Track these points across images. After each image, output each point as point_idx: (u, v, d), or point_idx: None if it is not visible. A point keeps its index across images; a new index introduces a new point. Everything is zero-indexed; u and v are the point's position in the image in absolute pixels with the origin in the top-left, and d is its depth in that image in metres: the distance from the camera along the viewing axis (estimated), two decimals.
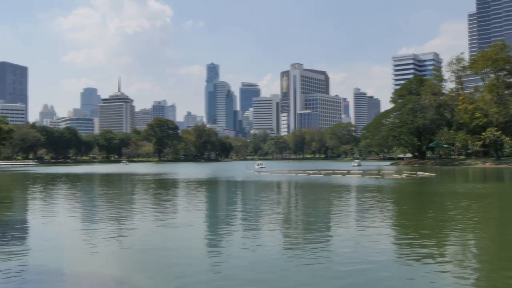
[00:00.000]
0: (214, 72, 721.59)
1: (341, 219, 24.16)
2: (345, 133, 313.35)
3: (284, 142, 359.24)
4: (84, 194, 43.91)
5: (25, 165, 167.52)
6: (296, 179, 63.18)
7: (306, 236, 19.03)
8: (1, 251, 16.50)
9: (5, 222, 24.91)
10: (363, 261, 14.48)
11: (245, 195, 42.19)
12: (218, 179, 66.80)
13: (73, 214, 27.57)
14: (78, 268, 14.31)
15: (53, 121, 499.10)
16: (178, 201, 35.23)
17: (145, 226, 21.97)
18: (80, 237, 19.44)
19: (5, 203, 35.79)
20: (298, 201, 35.89)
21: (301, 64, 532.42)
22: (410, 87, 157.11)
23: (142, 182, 61.38)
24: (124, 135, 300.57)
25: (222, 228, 21.67)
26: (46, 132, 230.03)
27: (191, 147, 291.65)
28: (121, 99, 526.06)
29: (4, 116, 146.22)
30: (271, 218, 24.60)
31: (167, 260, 14.93)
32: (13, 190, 51.62)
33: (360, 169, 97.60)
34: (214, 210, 30.23)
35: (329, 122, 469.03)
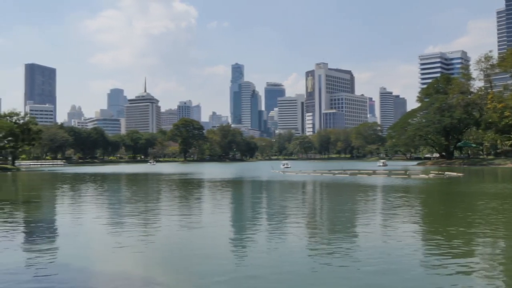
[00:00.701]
0: (238, 72, 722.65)
1: (367, 219, 23.91)
2: (371, 133, 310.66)
3: (309, 142, 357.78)
4: (111, 193, 44.41)
5: (54, 165, 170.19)
6: (321, 179, 62.85)
7: (332, 236, 18.87)
8: (31, 249, 16.77)
9: (34, 220, 25.33)
10: (389, 262, 14.27)
11: (270, 195, 42.12)
12: (243, 179, 66.85)
13: (100, 213, 27.87)
14: (104, 267, 14.45)
15: (81, 121, 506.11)
16: (203, 201, 35.36)
17: (170, 225, 22.07)
18: (107, 235, 19.63)
19: (34, 202, 36.41)
20: (324, 201, 35.69)
21: (326, 63, 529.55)
22: (437, 86, 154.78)
23: (168, 182, 61.79)
24: (150, 135, 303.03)
25: (247, 228, 21.64)
26: (74, 133, 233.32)
27: (216, 147, 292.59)
28: (147, 100, 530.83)
29: (33, 117, 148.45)
30: (296, 218, 24.48)
31: (192, 259, 14.94)
32: (42, 189, 52.49)
33: (386, 169, 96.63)
34: (239, 210, 30.23)
35: (354, 121, 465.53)
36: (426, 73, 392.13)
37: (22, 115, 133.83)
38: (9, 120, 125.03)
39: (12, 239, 18.94)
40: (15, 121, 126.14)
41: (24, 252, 16.43)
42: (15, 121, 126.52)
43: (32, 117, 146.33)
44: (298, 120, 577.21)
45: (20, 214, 28.02)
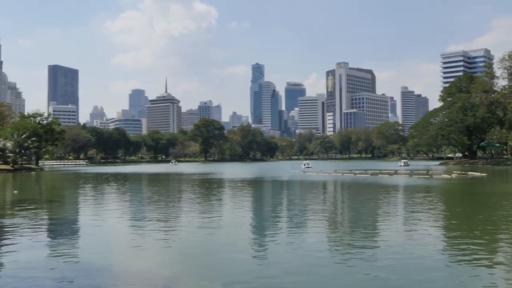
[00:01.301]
0: (259, 72, 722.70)
1: (389, 219, 23.73)
2: (392, 133, 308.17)
3: (330, 141, 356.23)
4: (133, 193, 44.82)
5: (76, 165, 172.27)
6: (342, 179, 62.57)
7: (353, 237, 18.77)
8: (53, 249, 16.99)
9: (57, 220, 25.67)
10: (411, 263, 14.16)
11: (290, 194, 42.06)
12: (263, 179, 66.87)
13: (123, 213, 28.12)
14: (126, 266, 14.58)
15: (103, 122, 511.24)
16: (224, 201, 35.44)
17: (191, 225, 22.17)
18: (129, 235, 19.81)
19: (57, 202, 36.90)
20: (344, 201, 35.52)
21: (346, 63, 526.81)
22: (459, 84, 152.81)
23: (189, 181, 62.10)
24: (171, 135, 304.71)
25: (268, 228, 21.66)
26: (96, 133, 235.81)
27: (236, 147, 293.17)
28: (168, 100, 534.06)
29: (56, 117, 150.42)
30: (317, 218, 24.41)
31: (213, 259, 15.00)
32: (65, 189, 53.16)
33: (407, 169, 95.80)
34: (259, 210, 30.25)
35: (375, 121, 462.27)
36: (449, 72, 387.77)
37: (45, 116, 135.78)
38: (33, 120, 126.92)
39: (36, 238, 19.22)
40: (39, 122, 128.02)
41: (48, 251, 16.64)
42: (39, 121, 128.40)
43: (55, 117, 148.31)
44: (319, 120, 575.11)
45: (43, 214, 28.42)
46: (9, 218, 25.66)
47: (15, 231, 20.79)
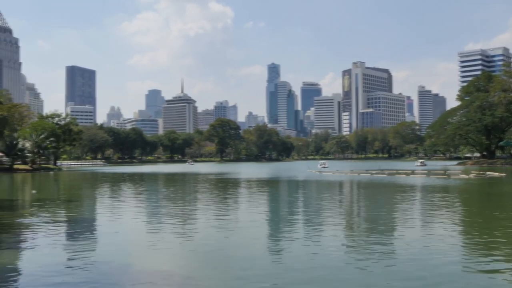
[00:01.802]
0: (275, 72, 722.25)
1: (406, 220, 23.56)
2: (409, 132, 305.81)
3: (346, 141, 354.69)
4: (150, 193, 45.07)
5: (94, 165, 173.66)
6: (358, 179, 62.28)
7: (370, 237, 18.67)
8: (71, 248, 17.16)
9: (75, 219, 25.92)
10: (427, 265, 14.04)
11: (307, 194, 41.98)
12: (279, 179, 66.83)
13: (140, 212, 28.30)
14: (143, 265, 14.66)
15: (120, 122, 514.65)
16: (240, 201, 35.49)
17: (207, 225, 22.23)
18: (146, 234, 19.93)
19: (75, 201, 37.25)
20: (361, 201, 35.36)
21: (363, 62, 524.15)
22: (477, 83, 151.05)
23: (205, 181, 62.28)
24: (187, 135, 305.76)
25: (284, 228, 21.63)
26: (113, 133, 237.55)
27: (252, 147, 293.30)
28: (184, 100, 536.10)
29: (74, 118, 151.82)
30: (333, 218, 24.34)
31: (229, 259, 15.04)
32: (83, 189, 53.65)
33: (424, 169, 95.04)
34: (275, 210, 30.22)
35: (392, 121, 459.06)
36: (466, 71, 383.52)
37: (63, 116, 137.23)
38: (51, 121, 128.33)
39: (55, 237, 19.42)
40: (57, 122, 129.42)
41: (66, 250, 16.81)
42: (57, 122, 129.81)
43: (73, 118, 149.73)
44: (335, 120, 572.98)
45: (62, 213, 28.71)
46: (28, 217, 25.98)
47: (34, 230, 21.05)
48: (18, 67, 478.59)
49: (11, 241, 18.82)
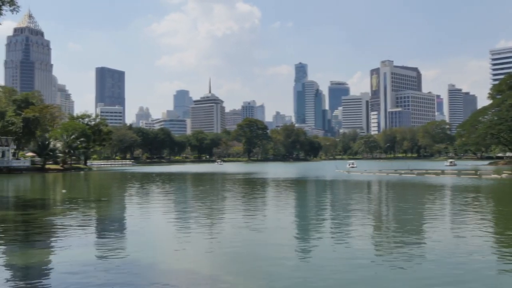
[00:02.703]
0: (302, 71, 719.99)
1: (436, 220, 23.22)
2: (439, 132, 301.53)
3: (374, 141, 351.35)
4: (179, 192, 45.42)
5: (123, 165, 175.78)
6: (387, 179, 61.69)
7: (399, 238, 18.46)
8: (101, 247, 17.41)
9: (105, 218, 26.30)
10: (457, 266, 13.81)
11: (335, 194, 41.75)
12: (307, 179, 66.63)
13: (168, 212, 28.56)
14: (171, 264, 14.78)
15: (148, 122, 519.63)
16: (267, 201, 35.50)
17: (235, 224, 22.27)
18: (174, 234, 20.08)
19: (105, 201, 37.79)
20: (390, 201, 35.00)
21: (391, 61, 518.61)
22: (510, 81, 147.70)
23: (233, 181, 62.47)
24: (215, 135, 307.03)
25: (311, 228, 21.55)
26: (142, 133, 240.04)
27: (280, 147, 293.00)
28: (212, 100, 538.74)
29: (104, 118, 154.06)
30: (362, 218, 24.15)
31: (256, 259, 15.04)
32: (113, 188, 54.39)
33: (454, 169, 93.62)
34: (303, 210, 30.14)
35: (421, 120, 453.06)
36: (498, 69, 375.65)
37: (93, 117, 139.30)
38: (82, 121, 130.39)
39: (86, 235, 19.76)
40: (87, 123, 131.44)
41: (95, 249, 17.07)
42: (87, 122, 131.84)
43: (103, 118, 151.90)
44: (363, 119, 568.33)
45: (92, 212, 29.17)
46: (59, 217, 26.44)
47: (65, 229, 21.42)
48: (49, 69, 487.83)
49: (43, 240, 19.20)
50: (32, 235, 20.48)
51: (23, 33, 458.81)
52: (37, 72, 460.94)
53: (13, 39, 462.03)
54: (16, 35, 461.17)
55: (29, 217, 26.27)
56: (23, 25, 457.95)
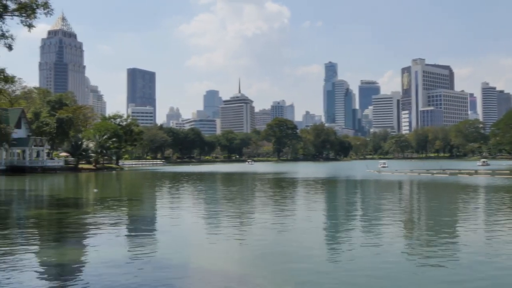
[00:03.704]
0: (332, 71, 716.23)
1: (470, 221, 22.79)
2: (472, 131, 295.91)
3: (405, 140, 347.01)
4: (209, 191, 45.68)
5: (154, 165, 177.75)
6: (419, 179, 60.86)
7: (430, 238, 18.19)
8: (132, 245, 17.63)
9: (137, 217, 26.64)
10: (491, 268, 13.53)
11: (365, 194, 41.41)
12: (337, 178, 66.23)
13: (198, 211, 28.75)
14: (201, 263, 14.87)
15: (179, 122, 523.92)
16: (297, 200, 35.41)
17: (265, 224, 22.25)
18: (204, 233, 20.20)
19: (137, 200, 38.27)
20: (421, 202, 34.52)
21: (423, 59, 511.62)
22: None
23: (263, 180, 62.51)
24: (244, 135, 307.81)
25: (341, 228, 21.40)
26: (172, 133, 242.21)
27: (309, 147, 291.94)
28: (241, 100, 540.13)
29: (135, 119, 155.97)
30: (392, 219, 23.86)
31: (286, 259, 14.97)
32: (144, 187, 55.02)
33: (488, 169, 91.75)
34: (333, 209, 29.98)
35: (454, 119, 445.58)
36: None
37: (125, 117, 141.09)
38: (114, 122, 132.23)
39: (117, 234, 20.03)
40: (119, 123, 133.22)
41: (127, 247, 17.29)
42: (118, 123, 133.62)
43: (134, 119, 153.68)
44: (394, 118, 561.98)
45: (124, 211, 29.56)
46: (91, 215, 26.87)
47: (97, 228, 21.76)
48: (82, 70, 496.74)
49: (76, 238, 19.55)
50: (65, 233, 20.87)
51: (57, 36, 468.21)
52: (71, 73, 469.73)
53: (47, 41, 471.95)
54: (50, 38, 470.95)
55: (62, 216, 26.76)
56: (56, 28, 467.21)
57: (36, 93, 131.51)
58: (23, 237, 19.63)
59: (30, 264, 14.40)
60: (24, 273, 13.11)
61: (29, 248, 16.97)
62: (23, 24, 33.16)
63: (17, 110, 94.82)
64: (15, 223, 24.69)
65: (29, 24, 33.18)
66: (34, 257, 15.76)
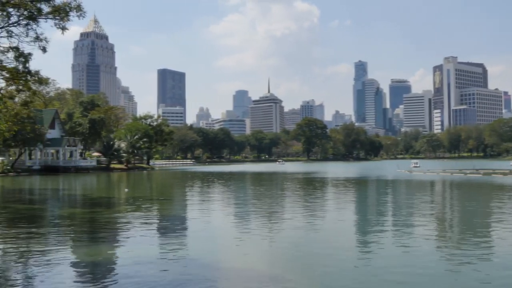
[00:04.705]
0: (362, 69, 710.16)
1: (504, 222, 22.28)
2: (507, 130, 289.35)
3: (437, 140, 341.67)
4: (239, 191, 45.81)
5: (184, 164, 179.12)
6: (451, 179, 59.88)
7: (462, 239, 17.88)
8: (163, 244, 17.82)
9: (167, 216, 26.89)
10: None
11: (396, 194, 40.96)
12: (368, 178, 65.65)
13: (229, 210, 28.87)
14: (231, 262, 14.92)
15: (208, 122, 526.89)
16: (327, 200, 35.23)
17: (295, 224, 22.21)
18: (234, 232, 20.23)
19: (167, 199, 38.65)
20: (454, 202, 33.96)
21: (455, 57, 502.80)
22: None
23: (293, 180, 62.38)
24: (274, 135, 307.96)
25: (372, 229, 21.16)
26: (202, 133, 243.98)
27: (339, 146, 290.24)
28: (271, 100, 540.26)
29: (165, 119, 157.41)
30: (424, 218, 23.53)
31: (316, 259, 14.90)
32: (174, 187, 55.50)
33: None
34: (363, 210, 29.72)
35: (487, 118, 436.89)
36: None
37: (155, 118, 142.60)
38: (144, 122, 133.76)
39: (148, 233, 20.26)
40: (149, 123, 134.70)
41: (157, 246, 17.48)
42: (149, 123, 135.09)
43: (164, 119, 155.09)
44: (425, 118, 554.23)
45: (155, 210, 29.89)
46: (122, 215, 27.25)
47: (128, 227, 22.06)
48: (113, 71, 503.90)
49: (108, 237, 19.84)
50: (98, 232, 21.21)
51: (89, 38, 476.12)
52: (102, 74, 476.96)
53: (80, 43, 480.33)
54: (82, 40, 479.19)
55: (95, 215, 27.21)
56: (89, 30, 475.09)
57: (69, 94, 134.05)
58: (57, 236, 20.05)
59: (64, 261, 14.68)
60: (59, 270, 13.39)
61: (63, 246, 17.31)
62: (57, 27, 33.82)
63: (51, 111, 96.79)
64: (50, 222, 25.21)
65: (62, 26, 33.81)
66: (68, 254, 16.09)
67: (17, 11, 32.36)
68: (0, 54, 34.31)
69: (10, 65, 34.41)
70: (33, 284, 12.19)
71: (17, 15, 32.57)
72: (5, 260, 15.59)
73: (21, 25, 32.99)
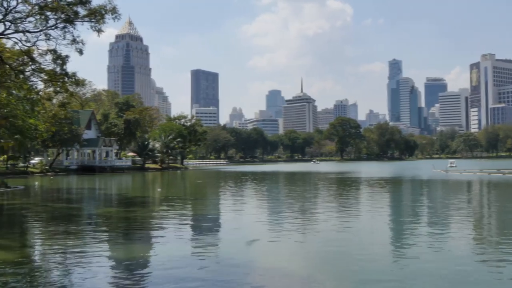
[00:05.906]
0: (396, 68, 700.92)
1: None
2: None
3: (474, 139, 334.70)
4: (272, 191, 45.85)
5: (217, 164, 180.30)
6: (488, 179, 58.61)
7: (500, 241, 17.48)
8: (195, 244, 17.97)
9: (200, 216, 27.12)
10: None
11: (432, 195, 40.33)
12: (402, 178, 64.83)
13: (262, 210, 28.94)
14: (263, 263, 14.92)
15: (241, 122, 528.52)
16: (361, 200, 34.95)
17: (329, 224, 22.06)
18: (267, 233, 20.21)
19: (201, 199, 38.98)
20: (492, 202, 33.24)
21: (493, 54, 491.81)
22: None
23: (327, 180, 62.06)
24: (307, 135, 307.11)
25: (406, 230, 20.86)
26: (235, 133, 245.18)
27: (373, 146, 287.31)
28: (304, 100, 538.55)
29: (199, 119, 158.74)
30: (461, 219, 23.10)
31: (349, 260, 14.77)
32: (208, 186, 55.88)
33: None
34: (398, 210, 29.37)
35: None
36: None
37: (189, 118, 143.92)
38: (178, 122, 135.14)
39: (182, 232, 20.48)
40: (183, 124, 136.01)
41: (190, 246, 17.62)
42: (183, 123, 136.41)
43: (198, 119, 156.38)
44: (462, 116, 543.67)
45: (189, 209, 30.19)
46: (157, 214, 27.61)
47: (162, 226, 22.35)
48: (148, 72, 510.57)
49: (143, 236, 20.14)
50: (132, 230, 21.57)
51: (124, 39, 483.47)
52: (137, 76, 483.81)
53: (115, 45, 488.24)
54: (117, 42, 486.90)
55: (130, 214, 27.65)
56: (123, 32, 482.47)
57: (105, 95, 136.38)
58: (94, 234, 20.45)
59: (100, 259, 14.95)
60: (96, 268, 13.63)
61: (99, 244, 17.63)
62: (93, 29, 34.44)
63: (87, 112, 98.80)
64: (86, 221, 25.74)
65: (98, 29, 34.42)
66: (104, 252, 16.36)
67: (55, 15, 33.05)
68: (39, 57, 35.18)
69: (48, 67, 35.23)
70: (73, 281, 12.45)
71: (54, 18, 33.26)
72: (45, 257, 16.01)
73: (59, 28, 33.68)
